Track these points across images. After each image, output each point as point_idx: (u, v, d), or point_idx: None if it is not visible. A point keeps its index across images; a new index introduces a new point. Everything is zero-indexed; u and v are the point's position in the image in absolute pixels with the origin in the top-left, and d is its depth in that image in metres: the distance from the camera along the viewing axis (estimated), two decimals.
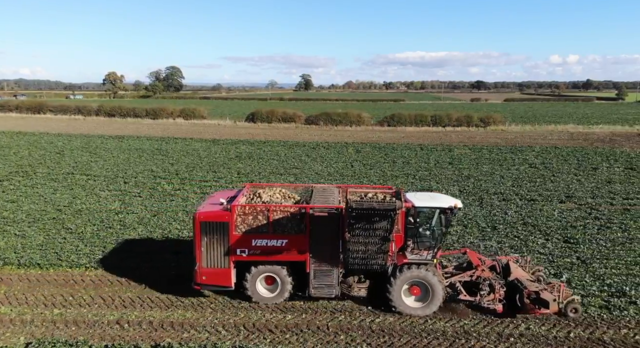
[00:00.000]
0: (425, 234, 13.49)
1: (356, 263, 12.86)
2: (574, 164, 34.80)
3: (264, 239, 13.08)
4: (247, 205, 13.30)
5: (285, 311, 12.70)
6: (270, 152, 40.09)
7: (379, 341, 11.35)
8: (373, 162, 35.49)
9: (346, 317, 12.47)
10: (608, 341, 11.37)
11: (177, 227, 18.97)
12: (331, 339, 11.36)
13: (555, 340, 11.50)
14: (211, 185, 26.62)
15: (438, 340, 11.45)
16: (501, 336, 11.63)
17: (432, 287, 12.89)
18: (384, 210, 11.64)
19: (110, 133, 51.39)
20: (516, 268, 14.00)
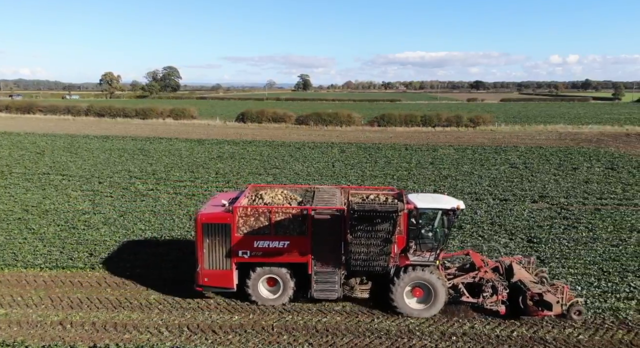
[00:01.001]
0: (428, 236, 13.45)
1: (358, 265, 12.83)
2: (554, 164, 34.76)
3: (265, 241, 13.04)
4: (249, 207, 13.29)
5: (233, 312, 12.65)
6: (254, 152, 40.05)
7: (322, 341, 11.29)
8: (355, 162, 35.43)
9: (293, 317, 12.42)
10: (550, 340, 11.35)
11: (141, 228, 18.90)
12: (274, 339, 11.31)
13: (498, 338, 11.47)
14: (186, 185, 26.54)
15: (381, 339, 11.41)
16: (444, 335, 11.60)
17: (434, 289, 12.80)
18: (386, 212, 11.60)
19: (96, 133, 51.28)
20: (519, 269, 13.86)
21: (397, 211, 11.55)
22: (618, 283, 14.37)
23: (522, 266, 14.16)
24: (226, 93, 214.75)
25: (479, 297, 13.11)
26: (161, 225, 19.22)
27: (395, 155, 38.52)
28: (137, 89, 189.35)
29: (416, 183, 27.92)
